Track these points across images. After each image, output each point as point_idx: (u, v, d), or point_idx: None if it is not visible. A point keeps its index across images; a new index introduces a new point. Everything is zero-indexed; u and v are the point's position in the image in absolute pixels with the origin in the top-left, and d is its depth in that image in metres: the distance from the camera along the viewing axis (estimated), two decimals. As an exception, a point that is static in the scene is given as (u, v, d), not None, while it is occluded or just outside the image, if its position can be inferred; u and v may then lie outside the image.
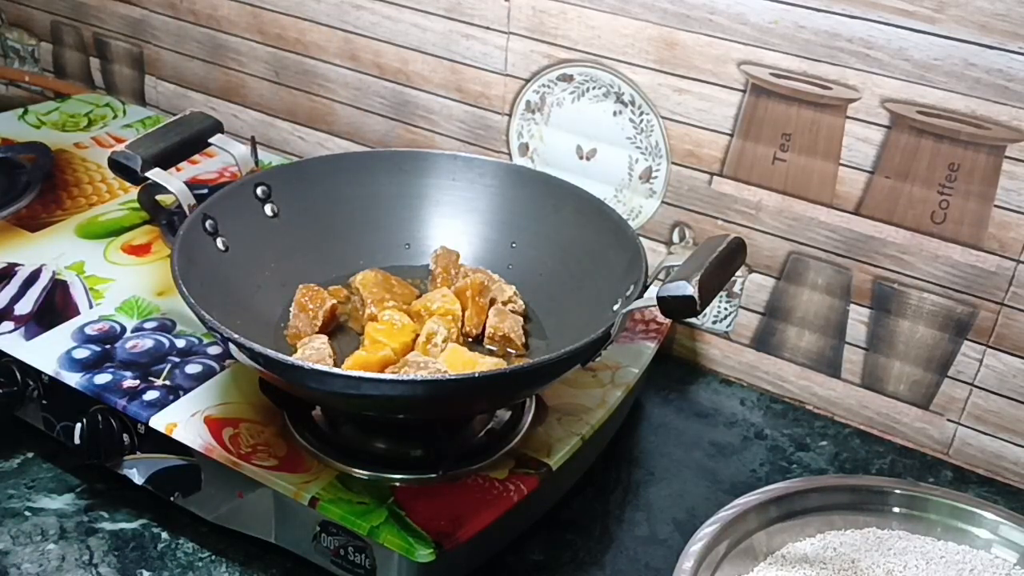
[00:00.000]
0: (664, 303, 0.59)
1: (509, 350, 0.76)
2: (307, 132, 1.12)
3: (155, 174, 0.73)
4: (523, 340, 0.76)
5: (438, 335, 0.74)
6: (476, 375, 0.59)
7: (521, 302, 0.79)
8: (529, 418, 0.74)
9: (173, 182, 0.73)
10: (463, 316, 0.77)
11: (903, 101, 0.76)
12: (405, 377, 0.63)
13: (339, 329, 0.78)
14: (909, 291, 0.82)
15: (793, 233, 0.85)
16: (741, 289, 0.90)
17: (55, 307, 0.82)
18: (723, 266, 0.63)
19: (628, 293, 0.70)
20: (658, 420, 0.88)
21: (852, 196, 0.81)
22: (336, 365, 0.71)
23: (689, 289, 0.58)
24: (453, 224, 0.85)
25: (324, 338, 0.74)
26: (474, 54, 0.95)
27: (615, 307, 0.71)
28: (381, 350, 0.71)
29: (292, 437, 0.70)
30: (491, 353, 0.75)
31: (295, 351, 0.73)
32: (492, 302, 0.78)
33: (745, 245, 0.66)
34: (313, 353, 0.71)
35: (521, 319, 0.78)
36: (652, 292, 0.62)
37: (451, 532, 0.63)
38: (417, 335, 0.74)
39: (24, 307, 0.81)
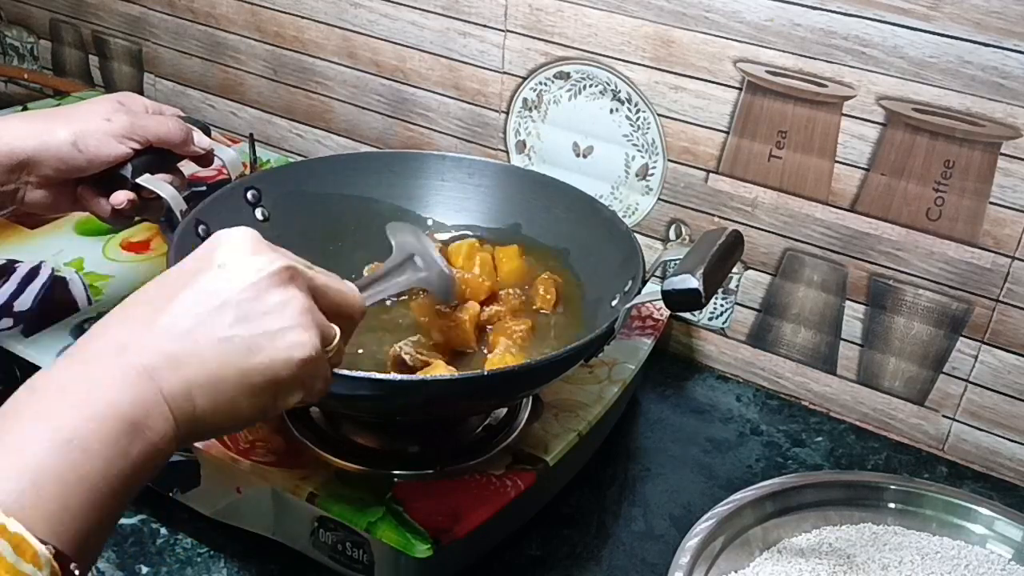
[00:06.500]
0: (669, 297, 0.60)
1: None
2: (305, 130, 1.12)
3: (146, 180, 0.73)
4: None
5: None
6: (485, 373, 0.59)
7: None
8: (526, 414, 0.74)
9: (164, 188, 0.73)
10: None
11: (898, 98, 0.76)
12: (408, 378, 0.63)
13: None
14: (904, 288, 0.82)
15: (789, 230, 0.85)
16: (737, 286, 0.90)
17: (54, 303, 0.82)
18: (724, 259, 0.63)
19: (627, 289, 0.70)
20: (655, 416, 0.88)
21: (848, 193, 0.81)
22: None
23: (694, 282, 0.59)
24: (444, 225, 0.85)
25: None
26: (471, 52, 0.95)
27: (613, 303, 0.71)
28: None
29: (290, 433, 0.70)
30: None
31: None
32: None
33: (743, 238, 0.66)
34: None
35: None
36: (654, 287, 0.63)
37: (448, 528, 0.63)
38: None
39: (23, 303, 0.81)
